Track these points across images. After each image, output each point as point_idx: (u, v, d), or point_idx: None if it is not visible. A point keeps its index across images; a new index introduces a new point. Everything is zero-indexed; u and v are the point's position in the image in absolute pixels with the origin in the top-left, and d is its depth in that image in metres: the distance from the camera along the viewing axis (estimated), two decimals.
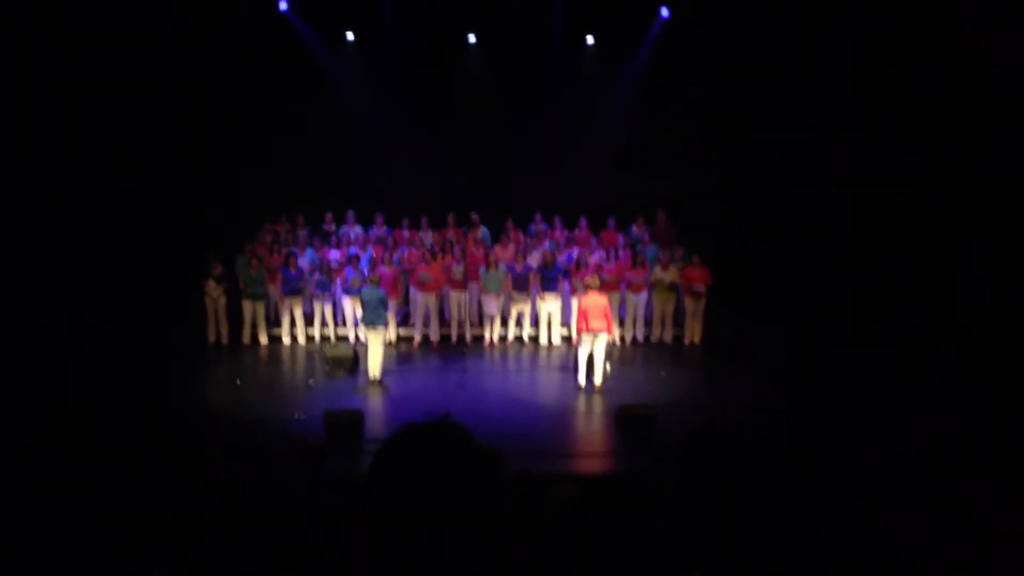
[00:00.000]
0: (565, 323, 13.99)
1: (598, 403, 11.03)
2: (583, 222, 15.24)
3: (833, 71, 13.59)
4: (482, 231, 14.95)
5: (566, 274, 13.74)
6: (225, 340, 13.58)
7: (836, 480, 7.34)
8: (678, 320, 14.16)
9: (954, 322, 11.30)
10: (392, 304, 13.26)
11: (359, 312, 12.57)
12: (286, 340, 13.84)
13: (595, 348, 11.29)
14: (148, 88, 14.03)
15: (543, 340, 13.88)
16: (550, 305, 13.71)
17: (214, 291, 13.29)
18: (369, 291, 11.62)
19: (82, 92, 13.45)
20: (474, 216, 15.08)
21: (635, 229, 15.37)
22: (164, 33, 13.98)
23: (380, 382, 11.48)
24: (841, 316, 12.94)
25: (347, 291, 13.54)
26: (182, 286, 13.57)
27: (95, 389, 10.56)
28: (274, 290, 13.84)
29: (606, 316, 11.22)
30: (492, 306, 13.69)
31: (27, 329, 11.77)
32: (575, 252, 14.20)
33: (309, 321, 14.06)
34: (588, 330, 11.14)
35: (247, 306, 13.56)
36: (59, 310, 12.46)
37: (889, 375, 11.12)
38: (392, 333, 13.76)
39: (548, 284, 13.59)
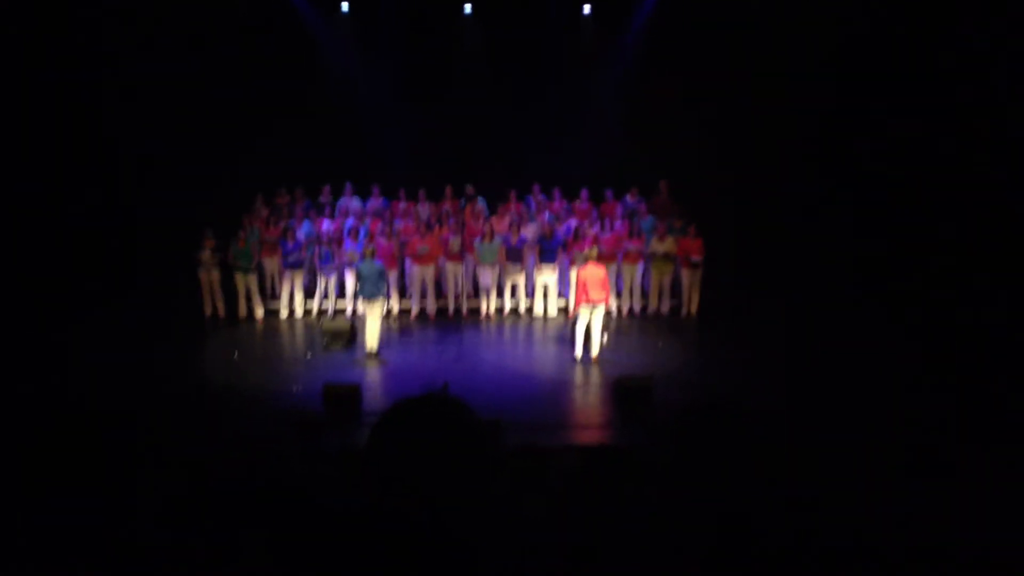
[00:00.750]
0: (562, 294, 14.02)
1: (595, 375, 11.05)
2: (584, 194, 15.17)
3: (837, 41, 13.47)
4: (479, 202, 14.91)
5: (564, 246, 13.72)
6: (222, 314, 13.57)
7: (833, 454, 7.37)
8: (676, 292, 14.15)
9: (954, 301, 11.29)
10: (391, 276, 13.28)
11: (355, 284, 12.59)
12: (283, 313, 13.82)
13: (593, 319, 11.29)
14: (141, 63, 13.88)
15: (539, 311, 13.88)
16: (547, 277, 13.70)
17: (208, 260, 13.25)
18: (367, 264, 11.59)
19: (74, 69, 13.29)
20: (469, 188, 15.03)
21: (630, 199, 15.30)
22: (158, 7, 13.82)
23: (378, 355, 11.49)
24: (840, 288, 12.93)
25: (345, 264, 13.52)
26: (179, 262, 13.55)
27: (92, 365, 10.58)
28: (272, 263, 13.80)
29: (604, 287, 11.23)
30: (487, 277, 13.68)
31: (20, 310, 11.72)
32: (573, 224, 14.16)
33: (309, 294, 14.04)
34: (587, 301, 11.15)
35: (239, 279, 13.53)
36: (55, 287, 12.42)
37: (887, 349, 11.13)
38: (395, 305, 13.78)
39: (546, 256, 13.57)
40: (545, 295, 13.84)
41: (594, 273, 11.17)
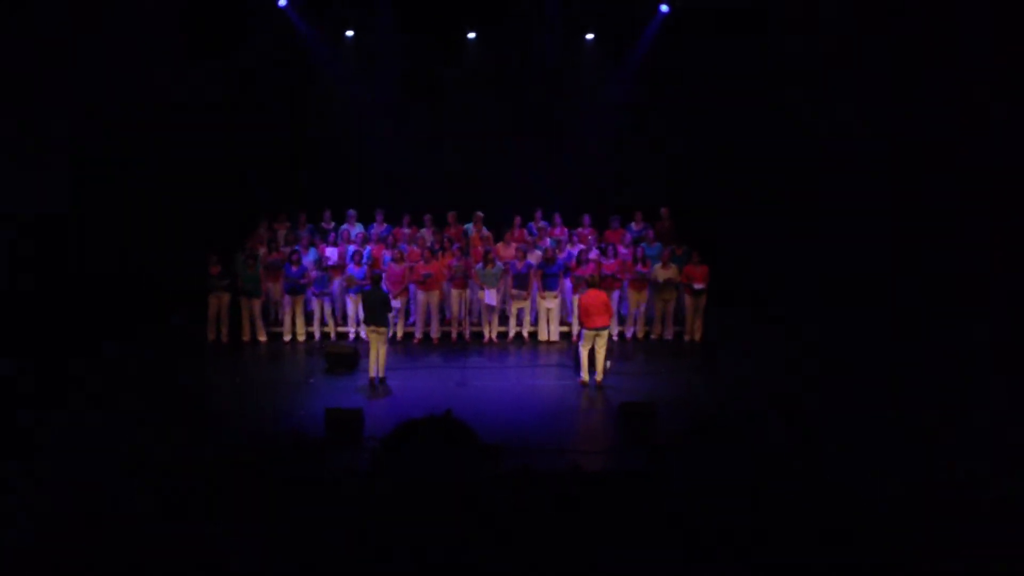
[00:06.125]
0: (565, 320, 14.03)
1: (599, 400, 11.03)
2: (586, 219, 15.21)
3: (834, 64, 13.58)
4: (484, 229, 14.98)
5: (566, 271, 13.74)
6: (225, 339, 13.58)
7: (839, 475, 7.34)
8: (679, 318, 14.14)
9: (957, 318, 11.29)
10: (400, 302, 13.34)
11: (360, 310, 12.62)
12: (287, 338, 13.83)
13: (597, 344, 11.30)
14: (145, 86, 13.99)
15: (543, 336, 13.88)
16: (550, 302, 13.71)
17: (218, 284, 13.28)
18: (373, 291, 11.61)
19: (74, 89, 13.37)
20: (478, 214, 15.09)
21: (634, 225, 15.34)
22: (159, 29, 13.94)
23: (382, 381, 11.49)
24: (842, 314, 12.94)
25: (348, 289, 13.55)
26: (182, 286, 13.59)
27: (94, 385, 10.61)
28: (274, 288, 13.84)
29: (607, 312, 11.26)
30: (492, 297, 13.63)
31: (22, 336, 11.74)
32: (576, 249, 14.19)
33: (310, 319, 14.06)
34: (590, 326, 11.16)
35: (244, 304, 13.56)
36: (56, 311, 12.47)
37: (889, 373, 11.14)
38: (400, 331, 13.81)
39: (548, 282, 13.60)
40: (548, 320, 13.84)
41: (596, 298, 11.20)
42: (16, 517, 6.23)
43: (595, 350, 11.33)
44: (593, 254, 14.01)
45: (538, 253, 14.07)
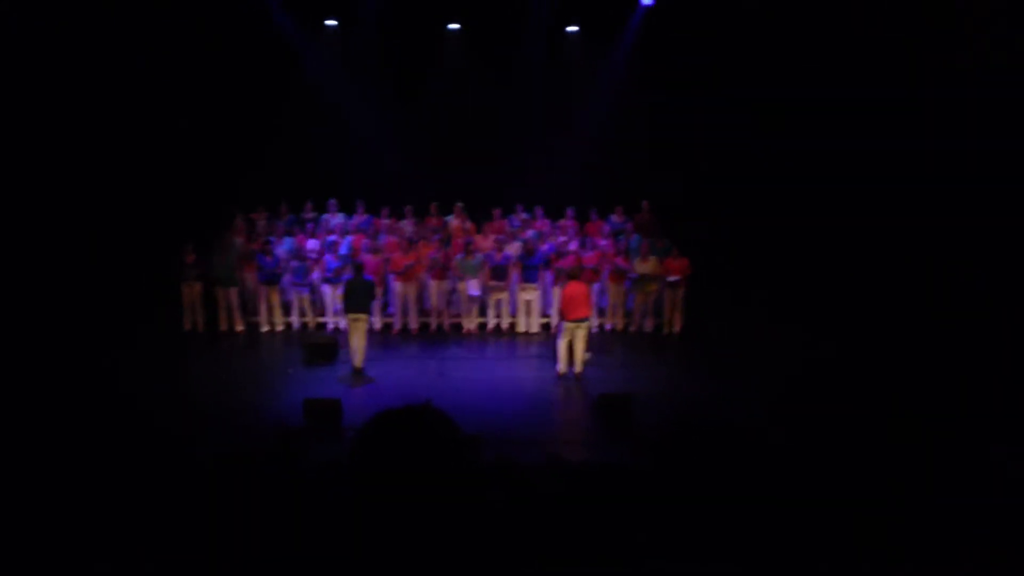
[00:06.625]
0: (545, 311, 14.06)
1: (577, 391, 11.07)
2: (569, 212, 15.24)
3: (819, 57, 13.65)
4: (467, 220, 14.98)
5: (547, 264, 13.76)
6: (201, 328, 13.50)
7: (815, 472, 7.40)
8: (659, 310, 14.20)
9: (937, 311, 11.42)
10: (378, 293, 13.29)
11: (339, 300, 12.56)
12: (264, 328, 13.76)
13: (576, 336, 11.33)
14: (124, 78, 13.87)
15: (522, 328, 13.90)
16: (529, 294, 13.73)
17: (191, 273, 13.18)
18: (356, 279, 11.57)
19: (57, 86, 13.24)
20: (458, 205, 15.07)
21: (615, 218, 15.38)
22: (141, 21, 13.82)
23: (362, 370, 11.46)
24: (825, 307, 13.04)
25: (327, 279, 13.49)
26: (157, 276, 13.48)
27: (73, 379, 10.49)
28: (249, 278, 13.76)
29: (587, 304, 11.28)
30: (474, 287, 13.63)
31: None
32: (557, 241, 14.21)
33: (287, 310, 13.99)
34: (571, 318, 11.19)
35: (220, 293, 13.49)
36: (34, 304, 12.33)
37: (869, 366, 11.23)
38: (377, 321, 13.75)
39: (528, 274, 13.61)
40: (528, 312, 13.87)
41: (576, 290, 11.22)
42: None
43: (574, 342, 11.37)
44: (573, 246, 14.03)
45: (516, 245, 14.07)
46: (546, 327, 13.89)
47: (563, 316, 11.28)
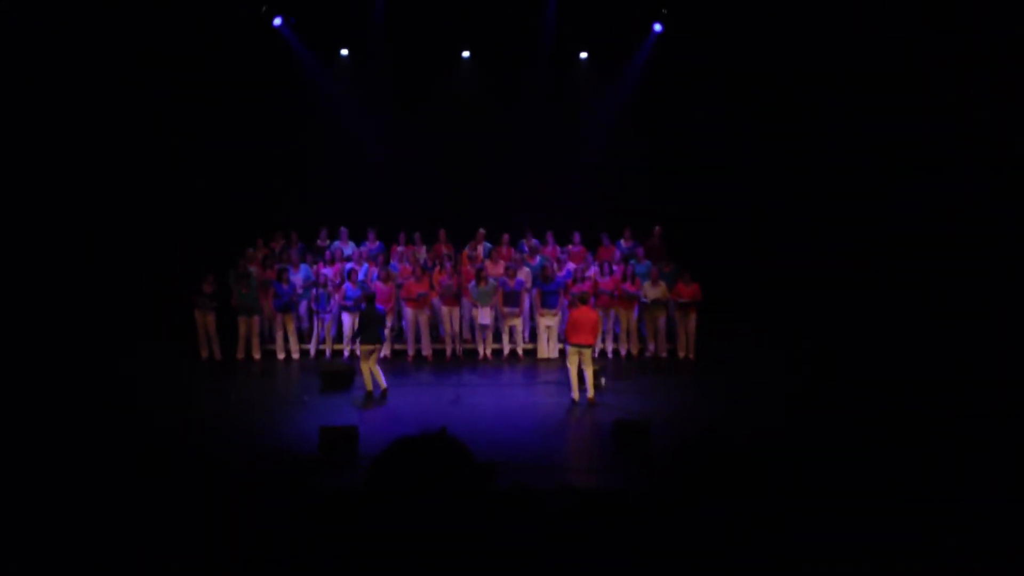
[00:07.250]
0: (561, 337, 14.07)
1: (592, 417, 11.03)
2: (576, 237, 15.27)
3: (826, 84, 13.70)
4: (484, 246, 15.00)
5: (566, 290, 13.74)
6: (218, 356, 13.55)
7: (829, 496, 7.34)
8: (672, 335, 14.16)
9: (947, 335, 11.35)
10: (390, 320, 13.34)
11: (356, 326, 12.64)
12: (280, 355, 13.81)
13: (582, 361, 11.33)
14: (141, 104, 14.06)
15: (542, 354, 13.89)
16: (549, 320, 13.73)
17: (206, 301, 13.25)
18: (368, 310, 11.64)
19: (71, 107, 13.42)
20: (480, 231, 15.13)
21: (623, 243, 15.38)
22: (157, 48, 14.02)
23: (376, 398, 11.49)
24: (837, 332, 12.98)
25: (346, 307, 13.53)
26: (175, 304, 13.57)
27: (91, 407, 10.54)
28: (266, 305, 13.84)
29: (594, 331, 11.30)
30: (485, 316, 13.67)
31: (15, 349, 11.70)
32: (571, 267, 14.23)
33: (303, 337, 14.04)
34: (573, 342, 11.20)
35: (242, 322, 13.55)
36: (50, 330, 12.42)
37: (882, 389, 11.15)
38: (387, 348, 13.77)
39: (548, 300, 13.61)
40: (548, 339, 13.86)
41: (586, 316, 11.24)
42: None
43: (582, 366, 11.36)
44: (592, 271, 14.04)
45: (527, 270, 14.09)
46: (563, 353, 13.88)
47: (566, 338, 11.29)
